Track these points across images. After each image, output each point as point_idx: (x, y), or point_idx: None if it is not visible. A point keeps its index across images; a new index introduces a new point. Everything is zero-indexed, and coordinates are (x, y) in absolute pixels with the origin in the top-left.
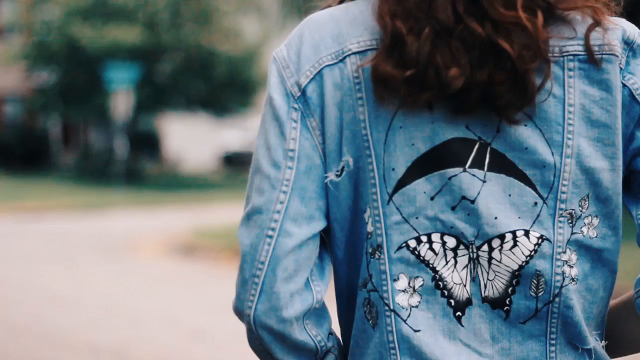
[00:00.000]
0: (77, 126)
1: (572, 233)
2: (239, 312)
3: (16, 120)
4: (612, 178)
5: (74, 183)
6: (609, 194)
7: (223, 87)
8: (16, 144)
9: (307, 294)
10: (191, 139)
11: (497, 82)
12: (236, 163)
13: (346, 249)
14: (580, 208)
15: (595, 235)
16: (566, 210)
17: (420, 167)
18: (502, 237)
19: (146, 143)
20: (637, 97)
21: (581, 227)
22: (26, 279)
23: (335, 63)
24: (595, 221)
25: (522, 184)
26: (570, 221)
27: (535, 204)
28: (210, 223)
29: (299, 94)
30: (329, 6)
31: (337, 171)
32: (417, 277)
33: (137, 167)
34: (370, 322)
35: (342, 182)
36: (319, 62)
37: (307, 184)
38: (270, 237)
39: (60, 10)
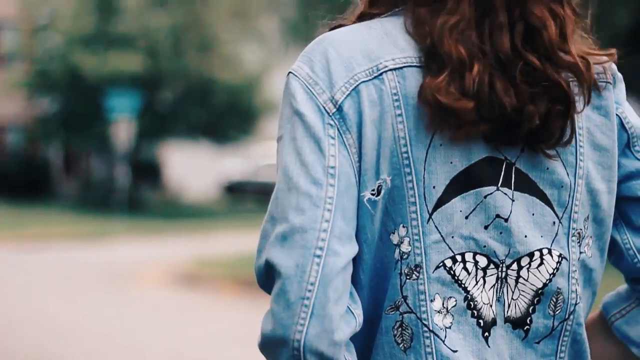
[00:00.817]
0: (78, 154)
1: (580, 252)
2: (282, 339)
3: (17, 148)
4: (608, 200)
5: (76, 212)
6: (604, 216)
7: (224, 115)
8: (17, 172)
9: (350, 317)
10: (193, 167)
11: (552, 117)
12: (238, 192)
13: (371, 273)
14: (584, 228)
15: (590, 255)
16: (577, 230)
17: (457, 185)
18: (531, 255)
19: (148, 171)
20: (625, 125)
21: (584, 247)
22: (27, 308)
23: (371, 79)
24: (591, 242)
25: (543, 203)
26: (578, 241)
27: (554, 223)
28: (213, 252)
29: (334, 110)
30: (340, 25)
31: (373, 190)
32: (450, 297)
33: (139, 195)
34: (401, 345)
35: (379, 202)
36: (353, 78)
37: (347, 203)
38: (319, 256)
39: (61, 38)
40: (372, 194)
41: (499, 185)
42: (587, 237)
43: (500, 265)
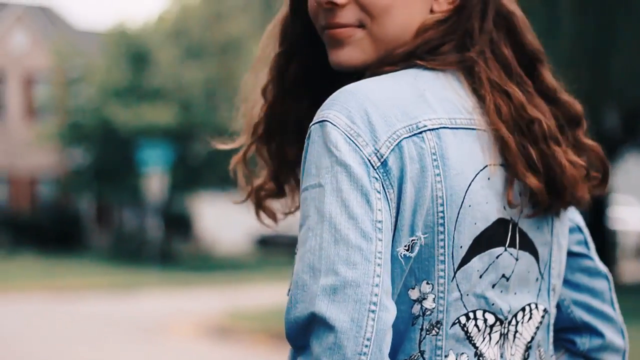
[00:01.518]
0: (110, 206)
1: (554, 305)
2: None
3: (50, 200)
4: (565, 255)
5: (108, 263)
6: (563, 270)
7: None
8: (49, 223)
9: None
10: (224, 219)
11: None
12: (270, 245)
13: None
14: (557, 282)
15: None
16: (553, 284)
17: (477, 245)
18: (523, 309)
19: (179, 223)
20: None
21: (556, 300)
22: (57, 358)
23: (410, 136)
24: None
25: (535, 261)
26: (554, 294)
27: (537, 279)
28: (245, 305)
29: (379, 164)
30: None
31: (407, 246)
32: (463, 353)
33: (171, 247)
34: None
35: (411, 258)
36: (395, 134)
37: (389, 258)
38: (374, 311)
39: (95, 91)
40: (406, 250)
41: (506, 245)
42: (558, 290)
43: (504, 322)
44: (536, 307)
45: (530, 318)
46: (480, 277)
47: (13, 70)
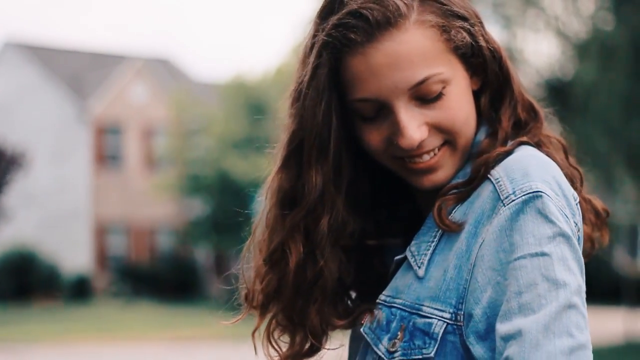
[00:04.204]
0: (228, 256)
1: None
2: None
3: (168, 250)
4: None
5: (226, 313)
6: None
7: None
8: (168, 273)
9: None
10: None
11: None
12: None
13: None
14: None
15: None
16: None
17: None
18: None
19: None
20: None
21: None
22: None
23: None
24: None
25: None
26: None
27: None
28: None
29: (578, 234)
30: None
31: None
32: None
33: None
34: None
35: None
36: (576, 204)
37: None
38: None
39: (213, 142)
40: None
41: None
42: None
43: None
44: None
45: None
46: None
47: (132, 121)
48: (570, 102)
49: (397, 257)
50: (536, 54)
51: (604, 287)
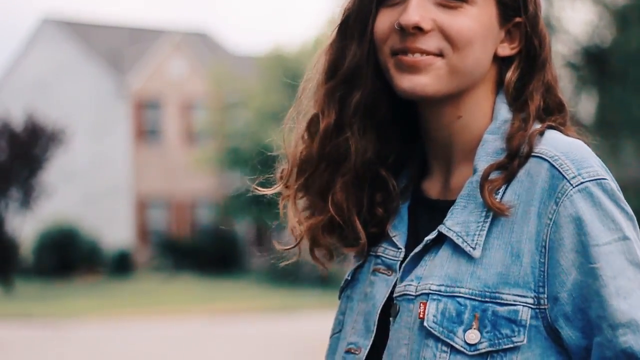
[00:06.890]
0: (268, 229)
1: None
2: None
3: (209, 224)
4: None
5: (267, 286)
6: None
7: None
8: (209, 247)
9: None
10: None
11: None
12: None
13: None
14: None
15: None
16: None
17: None
18: None
19: None
20: None
21: None
22: None
23: None
24: None
25: None
26: None
27: None
28: None
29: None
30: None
31: None
32: None
33: (331, 268)
34: None
35: None
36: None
37: None
38: None
39: (252, 115)
40: None
41: None
42: None
43: None
44: None
45: None
46: None
47: (171, 96)
48: (609, 70)
49: (428, 237)
50: (574, 21)
51: None
